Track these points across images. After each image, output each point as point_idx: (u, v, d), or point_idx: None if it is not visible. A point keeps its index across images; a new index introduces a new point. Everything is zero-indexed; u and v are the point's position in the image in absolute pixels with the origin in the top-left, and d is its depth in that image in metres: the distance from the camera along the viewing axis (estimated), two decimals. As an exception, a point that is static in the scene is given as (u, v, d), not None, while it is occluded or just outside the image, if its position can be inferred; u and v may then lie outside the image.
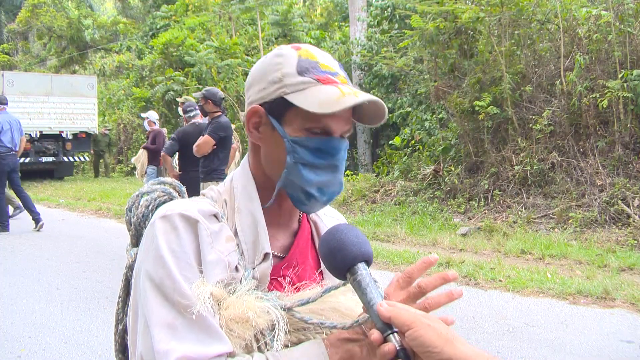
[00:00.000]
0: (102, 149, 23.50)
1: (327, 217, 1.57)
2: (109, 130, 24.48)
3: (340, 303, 1.28)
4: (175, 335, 1.14)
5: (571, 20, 10.53)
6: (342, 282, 1.26)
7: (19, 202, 12.67)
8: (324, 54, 1.37)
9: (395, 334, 1.04)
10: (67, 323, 5.84)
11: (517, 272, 7.08)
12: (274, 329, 1.20)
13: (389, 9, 16.72)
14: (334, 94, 1.25)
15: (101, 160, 24.35)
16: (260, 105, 1.35)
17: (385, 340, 1.05)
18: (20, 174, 21.71)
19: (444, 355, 0.97)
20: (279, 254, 1.40)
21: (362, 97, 1.24)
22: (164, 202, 1.40)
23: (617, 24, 9.72)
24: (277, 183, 1.35)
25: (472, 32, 11.95)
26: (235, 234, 1.32)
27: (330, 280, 1.44)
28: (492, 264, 7.59)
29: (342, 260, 1.15)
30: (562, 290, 6.32)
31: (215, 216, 1.31)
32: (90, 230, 11.44)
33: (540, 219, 9.62)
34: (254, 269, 1.30)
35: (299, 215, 1.49)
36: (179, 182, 1.51)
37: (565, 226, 9.10)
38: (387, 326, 1.05)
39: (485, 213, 10.44)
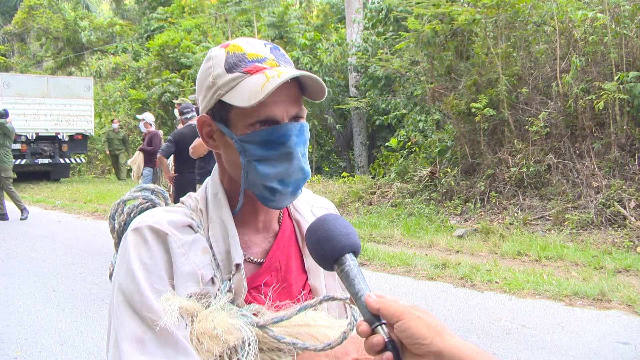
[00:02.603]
0: (117, 147, 22.30)
1: (316, 208, 1.55)
2: (118, 124, 22.83)
3: (319, 331, 1.26)
4: (143, 350, 1.13)
5: (567, 23, 10.55)
6: (319, 298, 1.25)
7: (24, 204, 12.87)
8: (253, 42, 1.33)
9: (383, 325, 1.02)
10: (64, 325, 5.83)
11: (514, 274, 7.09)
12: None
13: (384, 12, 16.75)
14: (259, 82, 1.22)
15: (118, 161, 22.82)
16: (206, 113, 1.35)
17: (373, 332, 1.02)
18: (16, 176, 21.83)
19: (433, 347, 0.96)
20: (258, 260, 1.38)
21: (285, 76, 1.21)
22: (146, 209, 1.40)
23: (613, 26, 9.75)
24: (241, 186, 1.34)
25: (468, 34, 11.97)
26: (211, 245, 1.31)
27: (316, 279, 1.44)
28: (488, 265, 7.59)
29: (330, 251, 1.12)
30: (559, 291, 6.33)
31: (191, 226, 1.30)
32: (87, 232, 11.42)
33: (537, 221, 9.64)
34: (230, 280, 1.29)
35: (280, 216, 1.47)
36: (162, 188, 1.51)
37: (561, 228, 9.12)
38: (375, 317, 1.03)
39: (481, 215, 10.45)
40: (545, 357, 4.78)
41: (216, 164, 1.44)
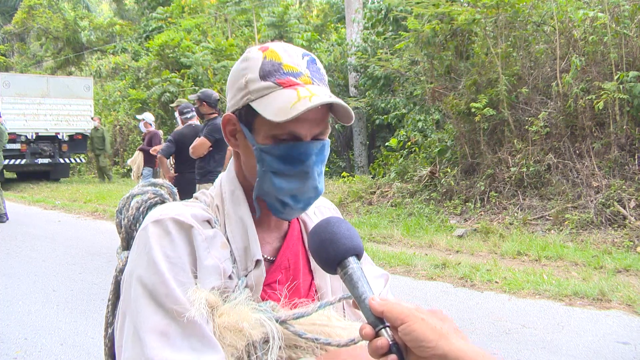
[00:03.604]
0: (97, 147, 21.55)
1: (318, 209, 1.56)
2: (99, 120, 21.81)
3: (336, 331, 1.26)
4: (168, 343, 1.12)
5: (567, 22, 10.54)
6: (338, 297, 1.25)
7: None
8: (291, 51, 1.33)
9: (387, 328, 1.01)
10: (63, 325, 5.83)
11: (513, 274, 7.09)
12: (268, 342, 1.19)
13: (383, 11, 16.76)
14: (290, 100, 1.21)
15: (102, 162, 22.18)
16: (233, 112, 1.35)
17: (377, 334, 1.02)
18: (16, 175, 21.76)
19: (438, 350, 0.96)
20: (270, 258, 1.39)
21: (316, 100, 1.20)
22: (155, 204, 1.40)
23: (613, 25, 9.74)
24: (253, 191, 1.35)
25: (468, 34, 11.97)
26: (228, 240, 1.31)
27: (322, 279, 1.44)
28: (488, 265, 7.59)
29: (334, 254, 1.12)
30: (558, 291, 6.33)
31: (209, 222, 1.30)
32: (87, 232, 11.41)
33: (537, 221, 9.63)
34: (246, 276, 1.29)
35: None
36: (170, 183, 1.50)
37: (561, 228, 9.12)
38: (379, 320, 1.02)
39: (481, 214, 10.44)
40: (545, 357, 4.78)
41: (231, 161, 1.44)
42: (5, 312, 6.27)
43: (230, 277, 1.26)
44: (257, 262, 1.30)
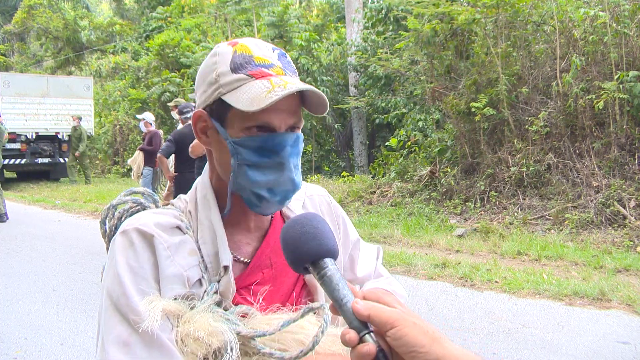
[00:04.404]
0: (74, 147, 20.41)
1: (312, 198, 1.54)
2: (79, 120, 20.24)
3: (307, 335, 1.22)
4: (129, 353, 1.13)
5: (567, 22, 10.54)
6: (300, 312, 1.21)
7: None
8: (262, 45, 1.31)
9: (371, 333, 0.95)
10: (63, 325, 5.83)
11: (513, 274, 7.09)
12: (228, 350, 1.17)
13: (383, 11, 16.77)
14: (264, 89, 1.20)
15: (79, 163, 21.38)
16: (203, 108, 1.33)
17: (360, 340, 0.94)
18: (16, 175, 21.74)
19: (431, 355, 0.90)
20: (246, 260, 1.37)
21: (291, 87, 1.19)
22: (137, 212, 1.39)
23: (613, 25, 9.74)
24: (228, 188, 1.33)
25: (468, 34, 11.97)
26: (199, 246, 1.30)
27: (310, 278, 1.42)
28: (488, 265, 7.59)
29: (315, 250, 1.05)
30: (558, 291, 6.33)
31: (179, 228, 1.30)
32: (87, 232, 11.40)
33: (537, 220, 9.63)
34: (218, 282, 1.28)
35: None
36: (151, 191, 1.50)
37: (561, 227, 9.12)
38: (363, 325, 0.95)
39: (481, 214, 10.44)
40: (545, 356, 4.78)
41: (207, 165, 1.43)
42: (5, 311, 6.27)
43: (200, 283, 1.26)
44: (226, 268, 1.28)
